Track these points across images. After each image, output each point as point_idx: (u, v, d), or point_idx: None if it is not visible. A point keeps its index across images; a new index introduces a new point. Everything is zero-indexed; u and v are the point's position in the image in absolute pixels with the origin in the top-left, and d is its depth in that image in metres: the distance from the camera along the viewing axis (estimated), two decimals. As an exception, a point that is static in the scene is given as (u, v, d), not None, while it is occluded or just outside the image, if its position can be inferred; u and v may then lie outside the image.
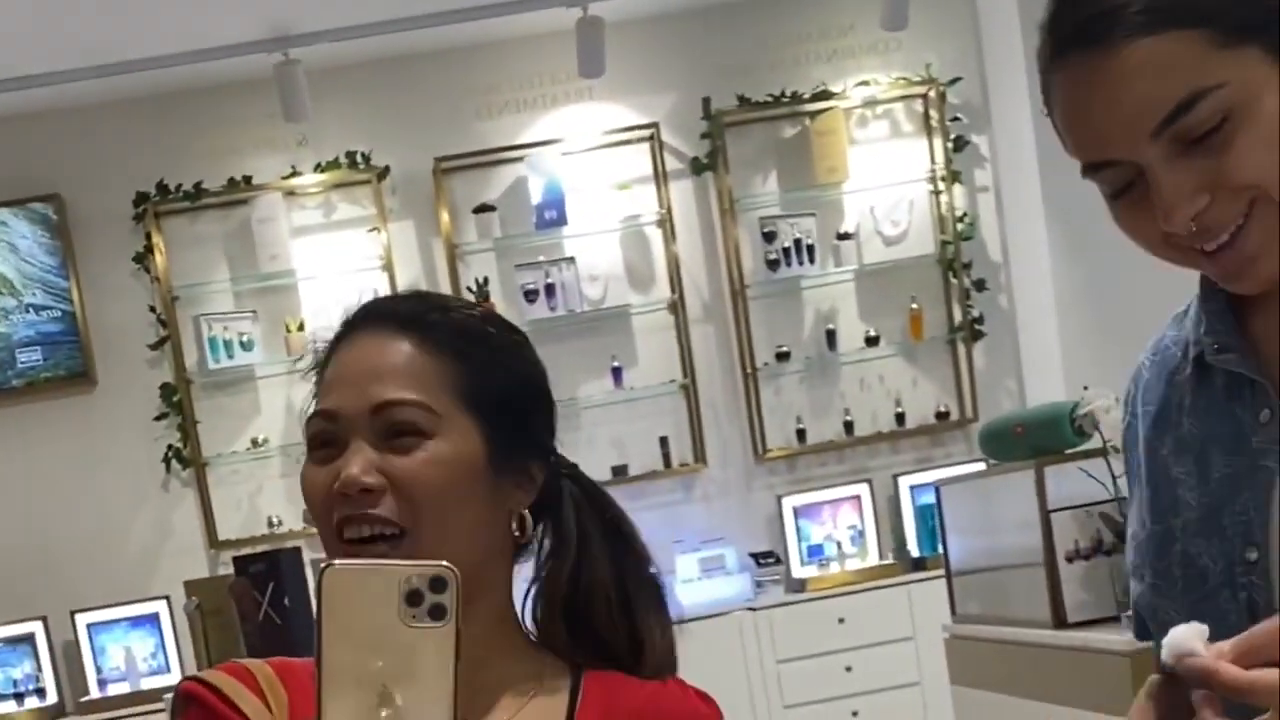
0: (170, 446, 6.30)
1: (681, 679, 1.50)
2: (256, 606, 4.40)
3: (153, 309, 6.29)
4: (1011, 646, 3.58)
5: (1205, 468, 1.36)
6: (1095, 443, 3.29)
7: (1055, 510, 3.32)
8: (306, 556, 4.88)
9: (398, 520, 1.34)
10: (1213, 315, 1.38)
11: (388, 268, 6.25)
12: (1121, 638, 3.08)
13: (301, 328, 6.20)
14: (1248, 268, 1.26)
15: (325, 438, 1.38)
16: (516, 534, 1.41)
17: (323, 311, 6.19)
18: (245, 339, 6.26)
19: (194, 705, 1.35)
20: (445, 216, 6.27)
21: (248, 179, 6.28)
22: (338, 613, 0.98)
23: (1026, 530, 3.41)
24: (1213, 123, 1.20)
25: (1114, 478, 3.23)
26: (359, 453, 1.35)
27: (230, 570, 4.93)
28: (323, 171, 6.30)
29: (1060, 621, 3.34)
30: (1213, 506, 1.35)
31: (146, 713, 5.71)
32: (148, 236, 6.26)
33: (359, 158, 6.28)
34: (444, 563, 0.99)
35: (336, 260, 6.29)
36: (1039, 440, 3.42)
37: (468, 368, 1.40)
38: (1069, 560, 3.33)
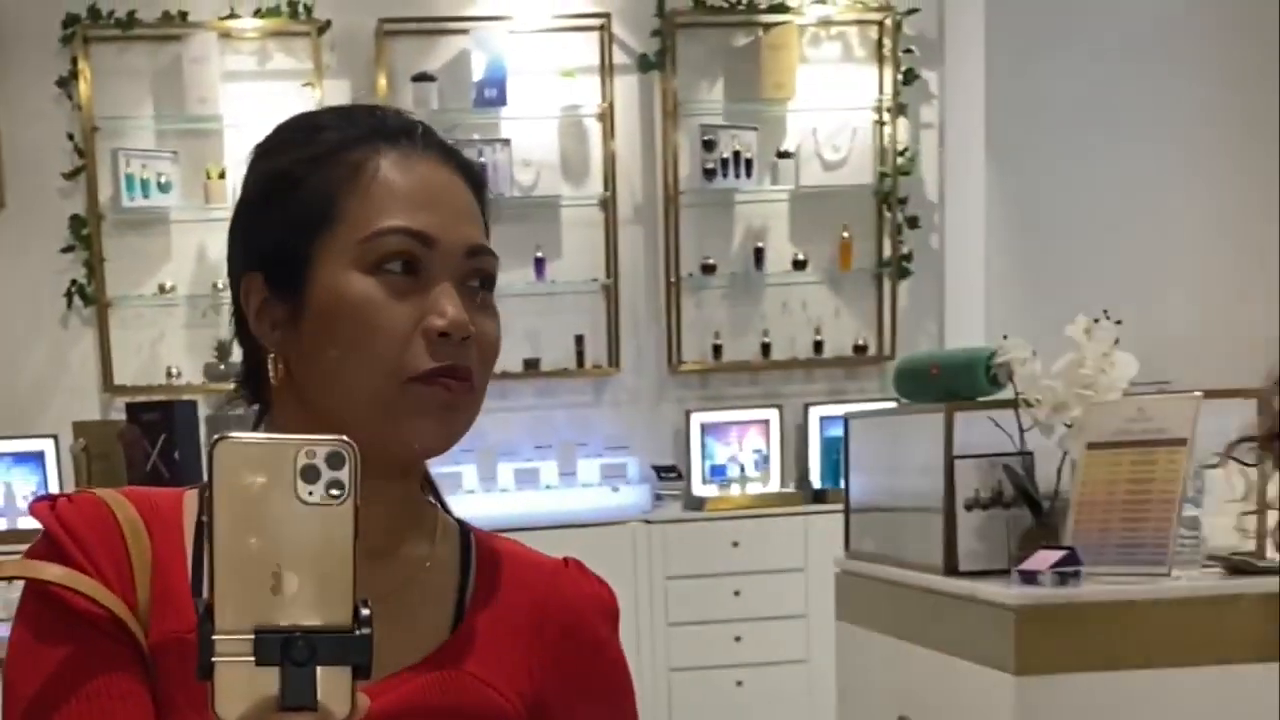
0: (74, 282, 6.11)
1: (580, 561, 1.41)
2: (145, 456, 4.32)
3: (71, 137, 6.08)
4: (900, 588, 3.53)
5: None
6: (1008, 393, 3.23)
7: (960, 456, 3.26)
8: (202, 412, 4.78)
9: (473, 378, 1.23)
10: None
11: (319, 127, 6.07)
12: (1009, 590, 3.04)
13: (223, 175, 6.05)
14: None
15: (410, 263, 1.22)
16: None
17: (246, 162, 6.03)
18: (163, 179, 6.07)
19: (46, 541, 1.28)
20: (383, 80, 6.10)
21: (183, 14, 6.05)
22: (230, 488, 0.91)
23: (929, 473, 3.36)
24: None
25: (1021, 430, 3.18)
26: (453, 294, 1.22)
27: (123, 416, 4.83)
28: (261, 17, 6.09)
29: (951, 569, 3.29)
30: None
31: (21, 552, 5.56)
32: (74, 61, 6.03)
33: (300, 8, 6.08)
34: (342, 437, 0.92)
35: (266, 111, 6.09)
36: (953, 384, 3.36)
37: (488, 224, 1.31)
38: (968, 508, 3.28)
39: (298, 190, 1.25)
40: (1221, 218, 6.20)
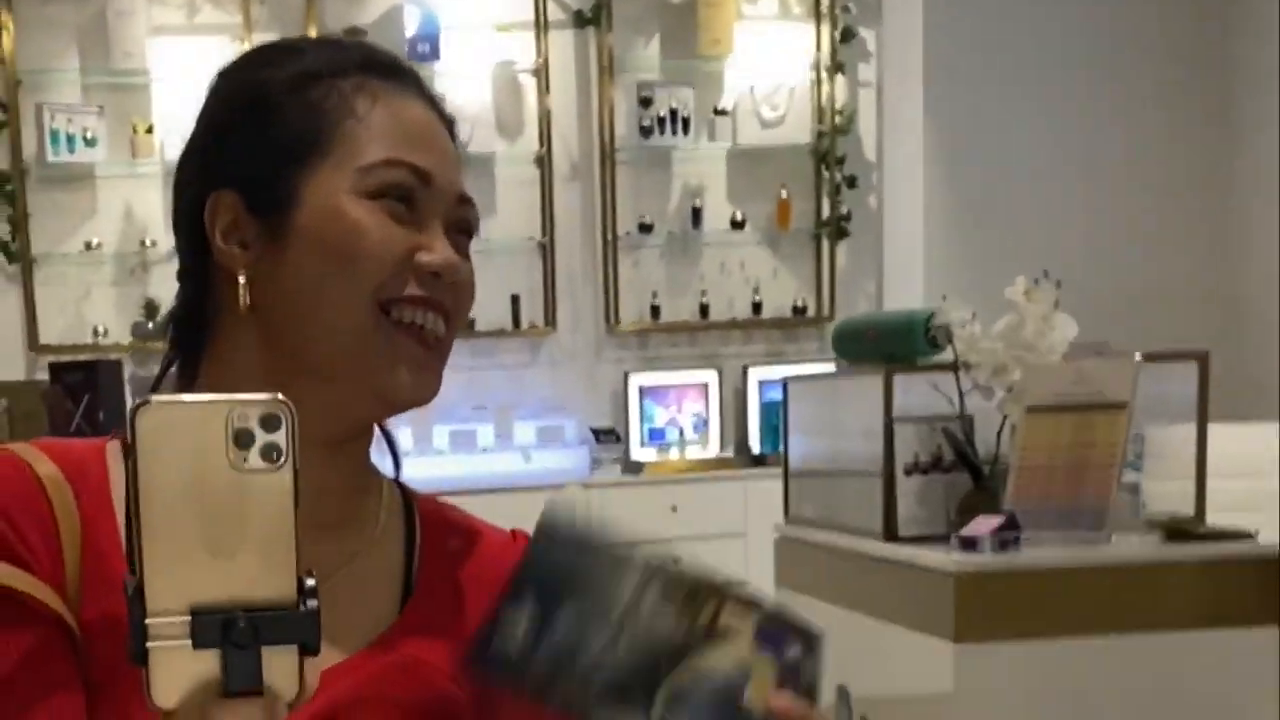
0: (-2, 239, 6.00)
1: (528, 532, 1.31)
2: (68, 417, 4.22)
3: (-8, 90, 5.95)
4: (840, 554, 3.49)
5: None
6: (947, 356, 3.18)
7: (899, 420, 3.21)
8: (127, 371, 4.68)
9: (451, 321, 1.22)
10: None
11: (248, 82, 5.96)
12: (948, 557, 3.00)
13: (150, 130, 5.93)
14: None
15: (407, 198, 1.18)
16: None
17: (173, 116, 5.91)
18: (89, 135, 5.94)
19: None
20: (313, 34, 5.98)
21: (108, -34, 5.92)
22: (156, 457, 0.83)
23: (868, 437, 3.31)
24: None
25: (961, 393, 3.14)
26: (444, 237, 1.20)
27: (47, 376, 4.73)
28: (189, -30, 5.97)
29: (891, 535, 3.25)
30: None
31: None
32: (-4, 12, 5.90)
33: (230, -40, 5.97)
34: (278, 395, 0.84)
35: (194, 66, 5.97)
36: (891, 346, 3.31)
37: None
38: (907, 473, 3.23)
39: (284, 110, 1.19)
40: (1164, 177, 6.20)
